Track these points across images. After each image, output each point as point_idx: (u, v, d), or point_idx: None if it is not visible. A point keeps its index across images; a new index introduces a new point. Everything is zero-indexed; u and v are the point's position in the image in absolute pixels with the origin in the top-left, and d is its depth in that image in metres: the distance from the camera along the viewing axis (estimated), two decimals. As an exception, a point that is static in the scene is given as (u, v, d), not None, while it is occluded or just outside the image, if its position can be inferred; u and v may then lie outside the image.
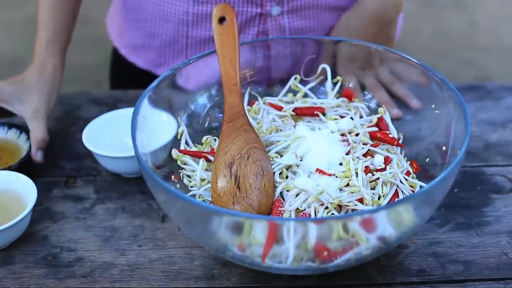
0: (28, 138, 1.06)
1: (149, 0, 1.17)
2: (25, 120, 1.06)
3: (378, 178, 0.86)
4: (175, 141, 0.95)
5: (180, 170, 0.92)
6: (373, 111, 1.00)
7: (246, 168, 0.85)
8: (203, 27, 1.16)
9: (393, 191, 0.86)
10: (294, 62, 1.03)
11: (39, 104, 1.06)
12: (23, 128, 1.07)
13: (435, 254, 0.90)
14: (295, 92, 1.01)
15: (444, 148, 0.90)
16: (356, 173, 0.85)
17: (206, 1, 1.13)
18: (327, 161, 0.87)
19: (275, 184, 0.87)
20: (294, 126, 0.94)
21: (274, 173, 0.87)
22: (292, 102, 1.00)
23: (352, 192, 0.83)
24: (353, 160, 0.86)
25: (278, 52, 1.02)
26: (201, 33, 1.17)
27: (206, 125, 0.99)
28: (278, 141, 0.92)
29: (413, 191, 0.87)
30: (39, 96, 1.06)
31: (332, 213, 0.82)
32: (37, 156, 1.03)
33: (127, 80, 1.32)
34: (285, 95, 1.01)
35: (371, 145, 0.90)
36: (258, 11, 1.14)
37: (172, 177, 0.91)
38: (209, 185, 0.88)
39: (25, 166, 1.02)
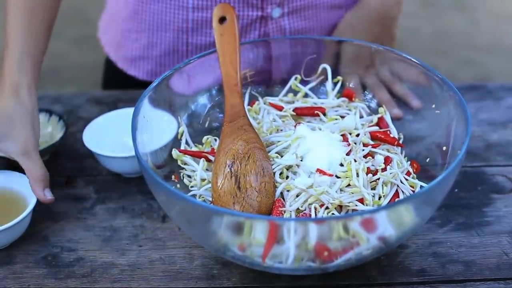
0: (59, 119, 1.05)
1: (147, 10, 1.15)
2: (14, 158, 0.91)
3: (378, 178, 0.86)
4: (175, 141, 0.95)
5: (180, 170, 0.92)
6: (374, 111, 1.00)
7: (246, 168, 0.85)
8: (203, 33, 1.16)
9: (393, 191, 0.86)
10: (295, 62, 1.03)
11: (26, 137, 0.90)
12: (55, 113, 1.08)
13: (435, 254, 0.90)
14: (295, 92, 1.01)
15: (444, 148, 0.90)
16: (357, 174, 0.84)
17: (205, 7, 1.12)
18: (328, 161, 0.86)
19: (276, 184, 0.87)
20: (295, 126, 0.94)
21: (274, 173, 0.87)
22: (293, 102, 1.00)
23: (352, 193, 0.83)
24: (355, 161, 0.86)
25: (279, 52, 1.02)
26: (201, 40, 1.16)
27: (206, 125, 0.99)
28: (279, 141, 0.92)
29: (413, 191, 0.87)
30: (22, 127, 0.90)
31: (333, 213, 0.82)
32: (47, 196, 0.91)
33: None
34: (285, 95, 1.01)
35: (372, 146, 0.90)
36: (259, 14, 1.13)
37: (173, 177, 0.91)
38: (210, 185, 0.88)
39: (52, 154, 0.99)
